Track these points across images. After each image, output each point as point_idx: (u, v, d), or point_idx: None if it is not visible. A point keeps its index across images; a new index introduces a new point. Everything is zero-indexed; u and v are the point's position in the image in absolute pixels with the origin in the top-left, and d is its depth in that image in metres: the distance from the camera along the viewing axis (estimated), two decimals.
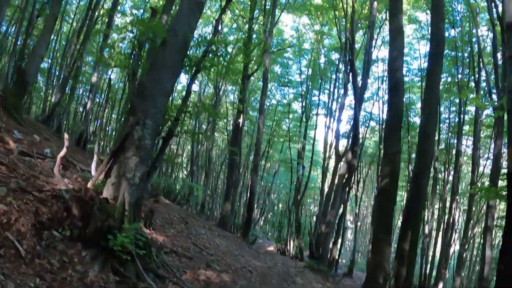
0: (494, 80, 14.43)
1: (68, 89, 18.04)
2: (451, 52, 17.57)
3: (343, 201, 14.65)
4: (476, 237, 21.68)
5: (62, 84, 16.70)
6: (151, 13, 7.83)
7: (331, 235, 14.77)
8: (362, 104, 15.68)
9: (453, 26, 17.30)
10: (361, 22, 17.35)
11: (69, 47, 18.80)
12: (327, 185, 18.94)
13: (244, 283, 8.27)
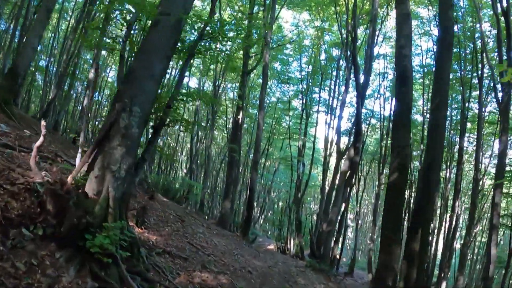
0: (499, 75, 13.83)
1: (65, 86, 17.38)
2: (453, 49, 16.87)
3: (345, 198, 13.95)
4: (477, 236, 21.05)
5: (58, 81, 16.01)
6: None
7: (332, 233, 14.07)
8: (364, 99, 14.95)
9: (456, 22, 16.61)
10: (362, 17, 16.66)
11: (67, 43, 18.11)
12: (328, 183, 18.27)
13: (244, 285, 7.55)
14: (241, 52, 16.30)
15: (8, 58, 16.53)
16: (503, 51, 13.99)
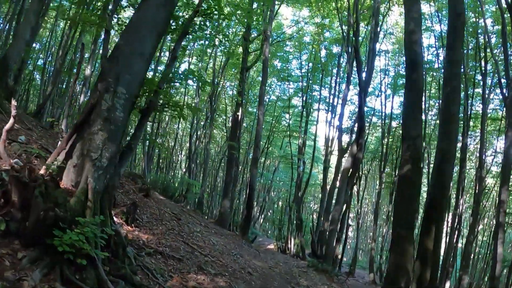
0: (505, 70, 13.19)
1: (61, 83, 16.66)
2: None
3: (347, 196, 13.21)
4: (479, 235, 20.34)
5: (54, 77, 15.28)
6: None
7: (335, 232, 13.31)
8: (367, 94, 14.23)
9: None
10: (364, 12, 15.98)
11: (63, 40, 17.39)
12: (329, 181, 17.56)
13: (243, 287, 6.80)
14: (241, 49, 15.68)
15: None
16: (508, 46, 13.39)
